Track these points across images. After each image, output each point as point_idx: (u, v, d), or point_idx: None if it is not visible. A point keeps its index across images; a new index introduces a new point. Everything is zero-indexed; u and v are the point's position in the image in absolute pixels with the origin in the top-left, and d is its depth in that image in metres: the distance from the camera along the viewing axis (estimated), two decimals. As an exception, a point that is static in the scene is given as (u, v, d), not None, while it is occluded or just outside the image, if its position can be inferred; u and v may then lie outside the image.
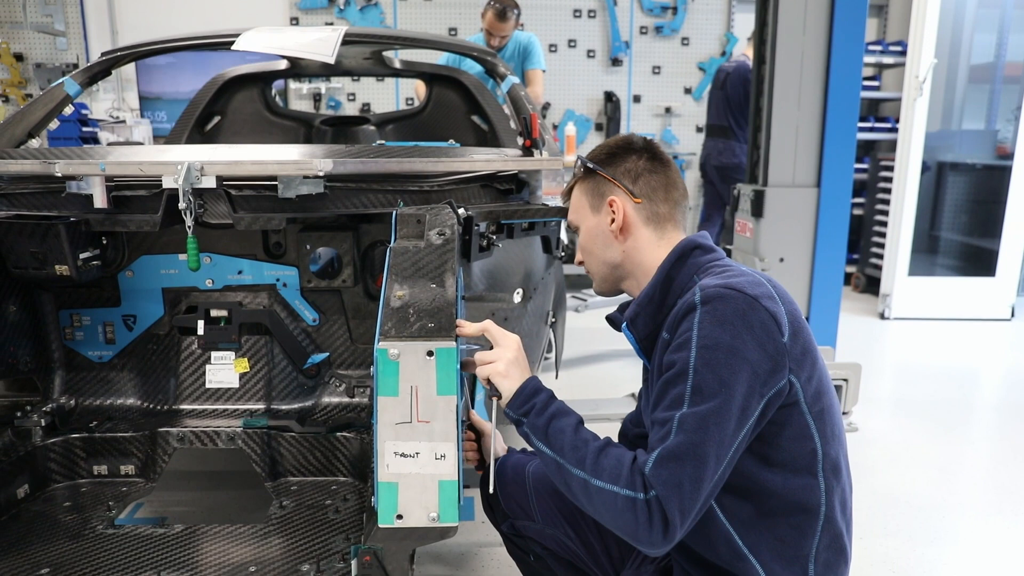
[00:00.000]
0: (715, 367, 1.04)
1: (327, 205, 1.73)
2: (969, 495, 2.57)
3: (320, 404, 2.00)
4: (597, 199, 1.30)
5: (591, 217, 1.31)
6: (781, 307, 1.11)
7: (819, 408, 1.13)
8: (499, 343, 1.22)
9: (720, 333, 1.05)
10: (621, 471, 1.05)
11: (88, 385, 1.97)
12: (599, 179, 1.30)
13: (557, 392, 1.23)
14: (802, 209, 3.12)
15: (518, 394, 1.18)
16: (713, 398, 1.03)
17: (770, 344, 1.06)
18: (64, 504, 1.73)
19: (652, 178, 1.28)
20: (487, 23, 4.24)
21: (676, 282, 1.21)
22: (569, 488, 1.11)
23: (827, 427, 1.14)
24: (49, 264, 1.72)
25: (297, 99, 6.13)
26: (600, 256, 1.31)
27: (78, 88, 2.30)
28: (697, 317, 1.07)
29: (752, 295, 1.08)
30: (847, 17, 2.92)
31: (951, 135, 5.29)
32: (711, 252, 1.24)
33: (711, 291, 1.09)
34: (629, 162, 1.29)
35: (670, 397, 1.06)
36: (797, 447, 1.12)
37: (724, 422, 1.02)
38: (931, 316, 4.87)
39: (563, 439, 1.11)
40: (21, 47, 5.87)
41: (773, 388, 1.07)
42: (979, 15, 5.13)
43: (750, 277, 1.14)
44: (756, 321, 1.06)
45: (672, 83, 6.38)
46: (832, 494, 1.15)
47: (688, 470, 1.01)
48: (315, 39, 2.26)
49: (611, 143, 1.33)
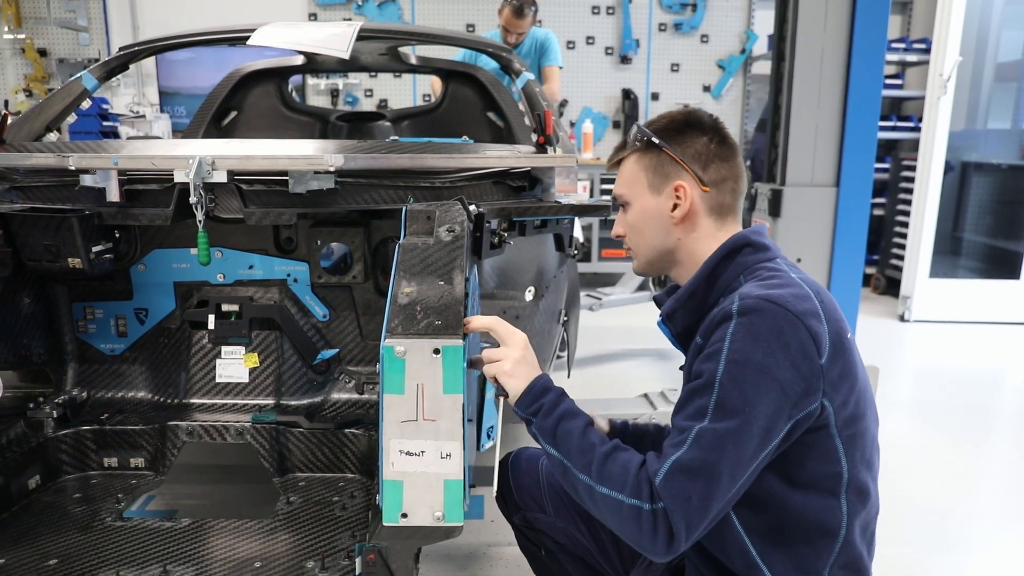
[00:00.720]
0: (741, 384, 1.00)
1: (338, 201, 1.73)
2: (988, 502, 2.52)
3: (329, 400, 1.99)
4: (659, 179, 1.21)
5: (648, 197, 1.22)
6: (824, 326, 1.04)
7: (851, 432, 1.08)
8: (505, 341, 1.19)
9: (752, 349, 1.00)
10: (627, 479, 1.02)
11: (100, 378, 1.99)
12: (665, 157, 1.20)
13: (569, 391, 1.21)
14: (820, 209, 3.08)
15: (526, 393, 1.16)
16: (735, 416, 0.99)
17: (805, 365, 1.01)
18: (74, 495, 1.75)
19: (722, 166, 1.20)
20: (504, 20, 4.23)
21: (720, 280, 1.16)
22: (576, 491, 1.10)
23: (857, 451, 1.10)
24: (62, 257, 1.73)
25: (315, 95, 6.15)
26: (651, 240, 1.24)
27: (96, 82, 2.31)
28: (731, 328, 1.03)
29: (794, 311, 1.02)
30: (869, 14, 2.88)
31: (976, 134, 5.19)
32: (762, 251, 1.18)
33: (750, 302, 1.03)
34: (699, 143, 1.20)
35: (692, 407, 1.03)
36: (822, 469, 1.08)
37: (743, 442, 0.99)
38: (952, 319, 4.79)
39: (570, 442, 1.09)
40: (45, 42, 5.95)
41: (803, 411, 1.02)
42: (1006, 12, 5.03)
43: (796, 288, 1.07)
44: (793, 340, 1.01)
45: (691, 81, 6.32)
46: (854, 517, 1.11)
47: (699, 486, 0.98)
48: (330, 35, 2.25)
49: (677, 117, 1.24)
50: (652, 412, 2.49)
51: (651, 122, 1.25)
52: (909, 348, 4.46)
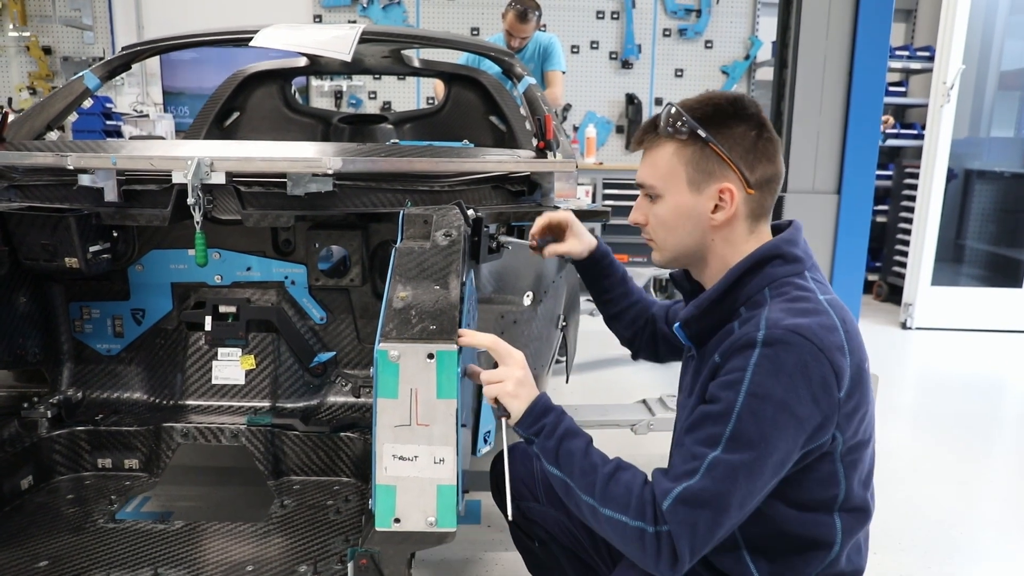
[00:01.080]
0: (760, 419, 0.98)
1: (336, 203, 1.72)
2: (989, 510, 2.50)
3: (325, 403, 1.99)
4: (702, 176, 1.12)
5: (686, 194, 1.13)
6: (847, 359, 1.02)
7: (853, 458, 1.09)
8: (505, 361, 1.17)
9: (774, 384, 0.98)
10: (630, 501, 1.03)
11: (96, 378, 1.98)
12: (710, 153, 1.11)
13: (569, 397, 1.21)
14: (822, 216, 3.08)
15: (528, 414, 1.15)
16: (750, 450, 0.98)
17: (824, 400, 1.00)
18: (67, 496, 1.74)
19: (768, 166, 1.13)
20: (508, 24, 4.23)
21: (745, 289, 1.12)
22: (579, 510, 1.10)
23: (856, 474, 1.10)
24: (59, 256, 1.73)
25: (319, 96, 6.15)
26: (682, 238, 1.16)
27: (97, 82, 2.31)
28: (754, 359, 1.00)
29: (820, 345, 0.99)
30: (871, 22, 2.87)
31: (979, 142, 5.18)
32: (793, 263, 1.12)
33: (777, 333, 1.00)
34: (747, 139, 1.11)
35: (706, 432, 1.02)
36: (820, 491, 1.09)
37: (756, 476, 0.99)
38: (954, 327, 4.77)
39: (573, 462, 1.09)
40: (50, 40, 5.96)
41: (816, 443, 1.03)
42: (1010, 21, 5.02)
43: (824, 317, 1.03)
44: (816, 375, 0.99)
45: (695, 86, 6.31)
46: (849, 535, 1.12)
47: (707, 514, 0.98)
48: (333, 37, 2.25)
49: (722, 104, 1.13)
50: (650, 419, 2.48)
51: (693, 106, 1.13)
52: (911, 355, 4.44)
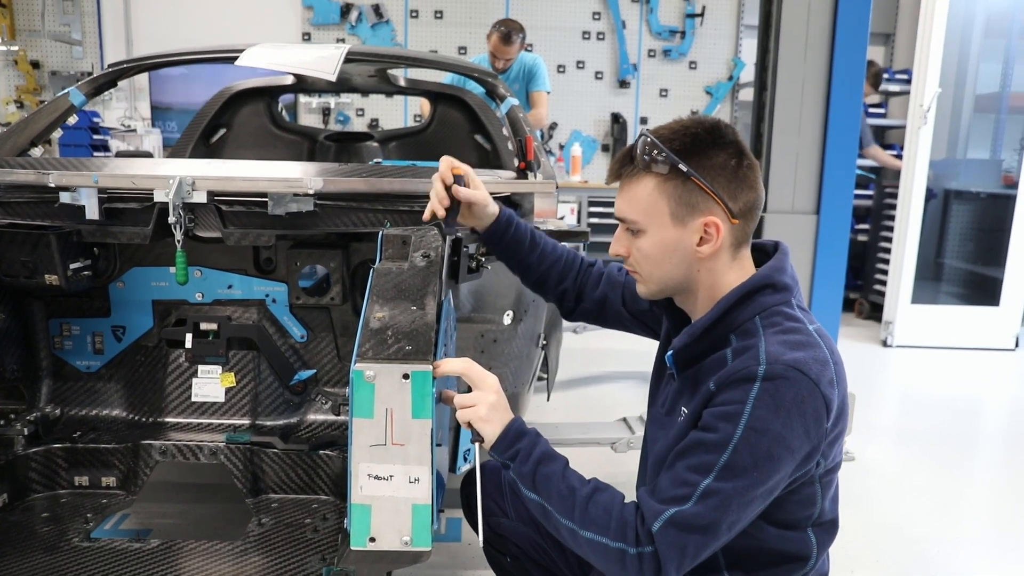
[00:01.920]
0: (755, 451, 1.01)
1: (317, 223, 1.74)
2: (966, 529, 2.53)
3: (305, 421, 1.99)
4: (685, 209, 1.10)
5: (670, 228, 1.12)
6: (836, 391, 1.06)
7: (829, 478, 1.15)
8: (478, 386, 1.18)
9: (773, 419, 1.01)
10: (609, 523, 1.05)
11: (74, 395, 1.98)
12: (692, 186, 1.09)
13: (550, 414, 1.22)
14: (801, 235, 3.12)
15: (502, 438, 1.15)
16: (742, 478, 1.01)
17: (815, 431, 1.04)
18: (42, 515, 1.73)
19: (749, 193, 1.12)
20: (492, 46, 4.27)
21: (736, 318, 1.12)
22: (558, 532, 1.11)
23: (829, 491, 1.16)
24: (39, 273, 1.73)
25: (307, 113, 6.18)
26: (667, 271, 1.16)
27: (83, 98, 2.32)
28: (754, 393, 1.02)
29: (815, 381, 1.03)
30: (848, 46, 2.94)
31: (957, 163, 5.27)
32: (782, 291, 1.13)
33: (778, 368, 1.02)
34: (727, 168, 1.10)
35: (698, 459, 1.04)
36: (799, 510, 1.14)
37: (747, 503, 1.03)
38: (934, 344, 4.83)
39: (550, 487, 1.11)
40: (38, 55, 5.97)
41: (802, 470, 1.07)
42: (985, 45, 5.13)
43: (817, 351, 1.06)
44: (811, 409, 1.03)
45: (679, 106, 6.40)
46: (823, 547, 1.18)
47: (696, 538, 1.01)
48: (318, 57, 2.28)
49: (700, 134, 1.11)
50: (630, 437, 2.50)
51: (669, 137, 1.11)
52: (891, 373, 4.49)
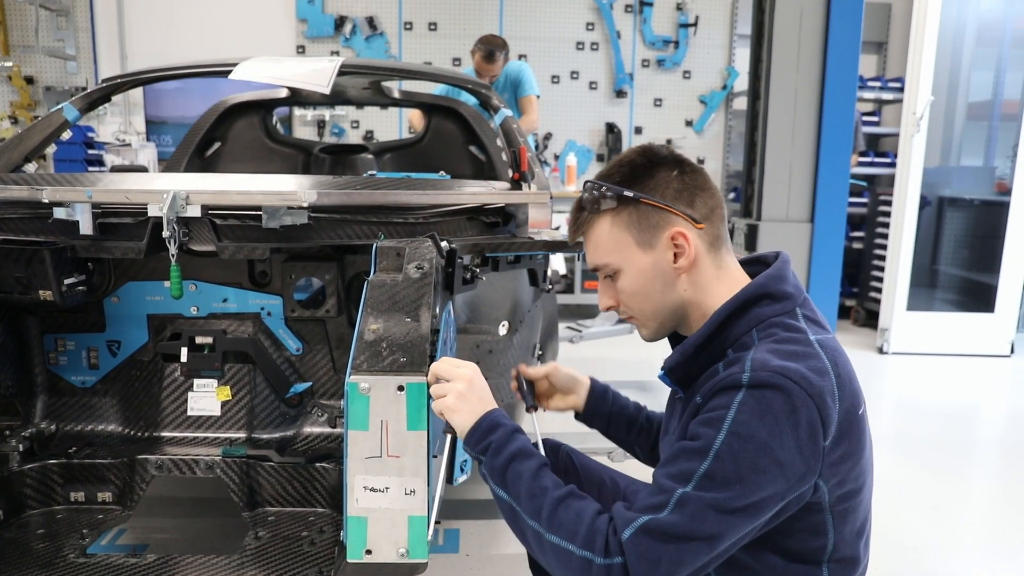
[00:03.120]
0: (738, 460, 0.93)
1: (311, 236, 1.74)
2: (963, 535, 2.52)
3: (301, 434, 1.99)
4: (648, 232, 1.09)
5: (641, 256, 1.10)
6: (836, 406, 0.98)
7: (844, 507, 1.04)
8: (449, 376, 1.13)
9: (758, 425, 0.94)
10: (579, 529, 0.97)
11: (70, 410, 1.97)
12: (645, 209, 1.08)
13: (548, 424, 1.18)
14: (796, 244, 3.14)
15: (473, 430, 1.09)
16: (724, 489, 0.93)
17: (809, 448, 0.95)
18: (38, 531, 1.72)
19: (705, 195, 1.10)
20: (476, 64, 4.30)
21: (732, 332, 1.07)
22: (524, 537, 1.04)
23: (847, 525, 1.05)
24: (33, 289, 1.73)
25: (302, 125, 6.20)
26: (658, 300, 1.12)
27: (77, 114, 2.33)
28: (739, 398, 0.95)
29: (809, 390, 0.95)
30: (840, 55, 2.96)
31: (950, 171, 5.31)
32: (782, 300, 1.07)
33: (764, 376, 0.95)
34: (673, 180, 1.09)
35: (679, 467, 0.97)
36: (808, 542, 1.05)
37: (729, 518, 0.94)
38: (929, 351, 4.84)
39: (520, 484, 1.03)
40: (32, 70, 5.98)
41: (796, 492, 0.97)
42: (977, 53, 5.18)
43: (815, 360, 0.99)
44: (804, 420, 0.94)
45: (674, 116, 6.43)
46: None
47: (670, 550, 0.93)
48: (312, 70, 2.29)
49: (636, 160, 1.12)
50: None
51: (608, 174, 1.13)
52: (887, 380, 4.49)
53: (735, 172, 6.44)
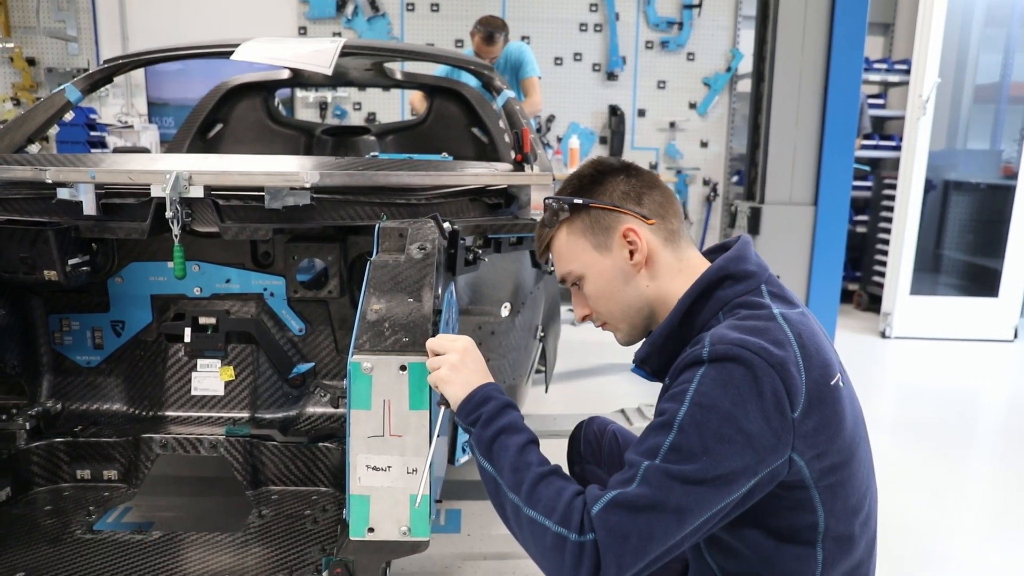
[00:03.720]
0: (703, 431, 0.93)
1: (314, 216, 1.74)
2: (963, 519, 2.54)
3: (304, 414, 2.00)
4: (602, 235, 1.14)
5: (600, 259, 1.14)
6: (802, 376, 0.97)
7: (831, 481, 1.02)
8: (443, 349, 1.14)
9: (720, 396, 0.94)
10: (557, 505, 0.96)
11: (75, 389, 1.99)
12: (596, 213, 1.13)
13: (549, 406, 1.20)
14: (799, 227, 3.13)
15: (466, 402, 1.09)
16: (690, 462, 0.93)
17: (776, 418, 0.95)
18: (45, 508, 1.75)
19: (654, 194, 1.14)
20: (475, 46, 4.25)
21: (698, 319, 1.09)
22: (503, 511, 1.03)
23: (839, 501, 1.04)
24: (38, 269, 1.74)
25: (304, 107, 6.17)
26: (623, 300, 1.15)
27: (79, 94, 2.33)
28: (700, 372, 0.96)
29: (769, 361, 0.95)
30: (846, 36, 2.93)
31: (956, 154, 5.27)
32: (744, 280, 1.09)
33: (722, 348, 0.96)
34: (620, 184, 1.14)
35: (647, 444, 0.97)
36: (795, 519, 1.03)
37: (697, 490, 0.93)
38: (933, 336, 4.84)
39: (504, 457, 1.03)
40: (34, 51, 5.95)
41: (768, 467, 0.96)
42: (985, 35, 5.12)
43: (776, 333, 0.99)
44: (767, 390, 0.94)
45: (677, 98, 6.39)
46: (832, 567, 1.06)
47: (639, 524, 0.92)
48: (314, 51, 2.28)
49: (584, 171, 1.18)
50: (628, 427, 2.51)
51: (560, 190, 1.20)
52: (889, 365, 4.50)
53: (738, 155, 6.42)
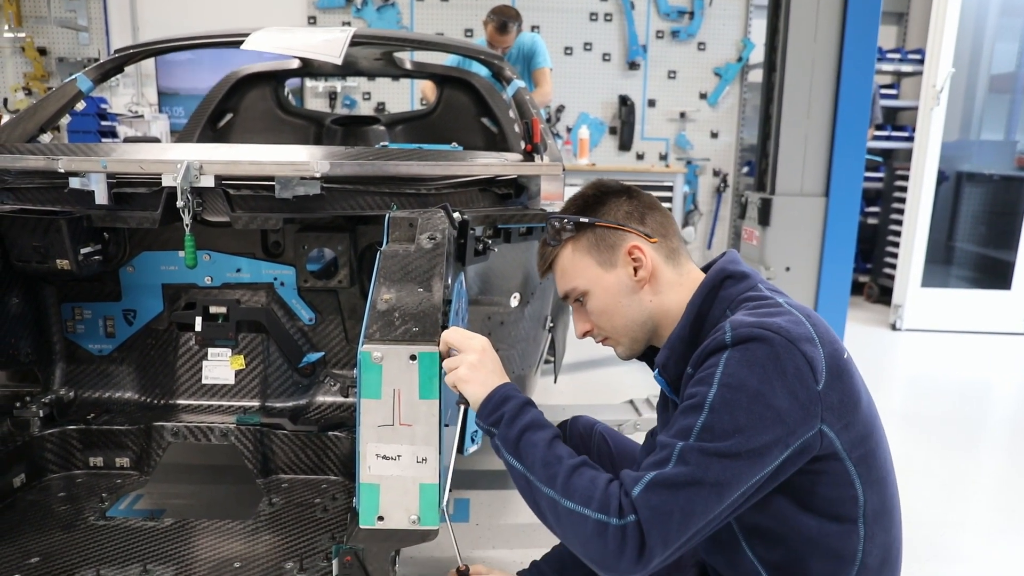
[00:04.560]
0: (733, 410, 0.97)
1: (324, 206, 1.75)
2: (974, 513, 2.53)
3: (314, 403, 2.01)
4: (607, 253, 1.19)
5: (604, 275, 1.19)
6: (820, 350, 1.02)
7: (861, 452, 1.06)
8: (461, 348, 1.17)
9: (747, 375, 0.98)
10: (594, 493, 0.99)
11: (87, 378, 2.01)
12: (601, 231, 1.19)
13: (558, 397, 1.21)
14: (810, 218, 3.11)
15: (486, 402, 1.13)
16: (724, 439, 0.97)
17: (802, 392, 0.99)
18: (58, 494, 1.77)
19: (656, 214, 1.20)
20: (488, 35, 4.23)
21: (708, 319, 1.14)
22: (537, 507, 1.06)
23: (870, 471, 1.07)
24: (50, 258, 1.75)
25: (313, 97, 6.17)
26: (626, 315, 1.19)
27: (90, 84, 2.33)
28: (725, 355, 1.01)
29: (789, 337, 1.00)
30: (859, 25, 2.90)
31: (969, 145, 5.22)
32: (743, 280, 1.15)
33: (744, 331, 1.01)
34: (623, 204, 1.20)
35: (679, 426, 1.01)
36: (836, 493, 1.06)
37: (731, 462, 0.96)
38: (944, 328, 4.81)
39: (534, 454, 1.06)
40: (45, 41, 5.97)
41: (800, 439, 0.99)
42: (1000, 24, 5.06)
43: (788, 315, 1.05)
44: (790, 366, 0.99)
45: (687, 88, 6.35)
46: (872, 541, 1.08)
47: (680, 500, 0.95)
48: (323, 40, 2.27)
49: (587, 192, 1.23)
50: (637, 419, 2.51)
51: (564, 209, 1.24)
52: (899, 357, 4.47)
53: (749, 146, 6.37)
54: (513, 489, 1.53)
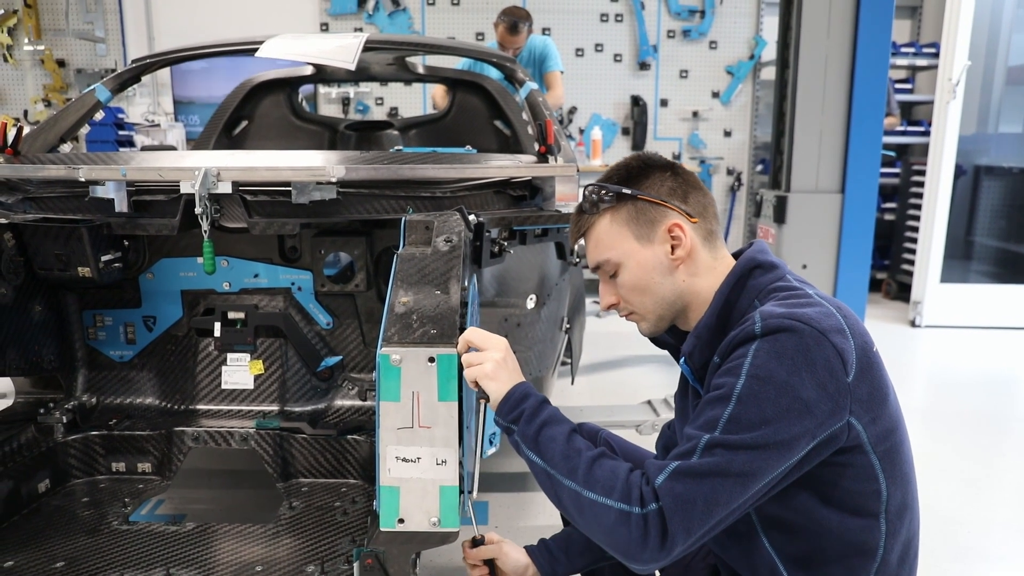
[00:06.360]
0: (760, 401, 0.97)
1: (340, 211, 1.76)
2: (997, 510, 2.50)
3: (332, 407, 2.02)
4: (646, 227, 1.15)
5: (640, 250, 1.16)
6: (850, 342, 1.01)
7: (887, 447, 1.05)
8: (484, 346, 1.17)
9: (776, 366, 0.97)
10: (615, 483, 1.00)
11: (109, 384, 2.03)
12: (643, 204, 1.15)
13: (575, 398, 1.21)
14: (826, 215, 3.09)
15: (506, 399, 1.13)
16: (749, 431, 0.96)
17: (832, 384, 0.98)
18: (82, 499, 1.79)
19: (698, 194, 1.17)
20: (499, 36, 4.24)
21: (736, 308, 1.12)
22: (559, 500, 1.07)
23: (895, 467, 1.07)
24: (72, 266, 1.78)
25: (327, 103, 6.21)
26: (658, 293, 1.17)
27: (108, 94, 2.37)
28: (754, 346, 1.00)
29: (819, 329, 0.99)
30: (873, 20, 2.88)
31: (987, 138, 5.16)
32: (772, 270, 1.13)
33: (774, 322, 1.00)
34: (667, 180, 1.16)
35: (705, 417, 1.01)
36: (859, 487, 1.05)
37: (757, 453, 0.96)
38: (964, 324, 4.75)
39: (554, 448, 1.06)
40: (63, 53, 6.06)
41: (827, 430, 0.99)
42: (1017, 15, 5.00)
43: (819, 306, 1.03)
44: (820, 358, 0.98)
45: (700, 87, 6.33)
46: (894, 538, 1.08)
47: (704, 489, 0.95)
48: (337, 46, 2.29)
49: (632, 163, 1.20)
50: (655, 419, 2.51)
51: (605, 178, 1.20)
52: (919, 353, 4.42)
53: (763, 144, 6.34)
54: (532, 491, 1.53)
